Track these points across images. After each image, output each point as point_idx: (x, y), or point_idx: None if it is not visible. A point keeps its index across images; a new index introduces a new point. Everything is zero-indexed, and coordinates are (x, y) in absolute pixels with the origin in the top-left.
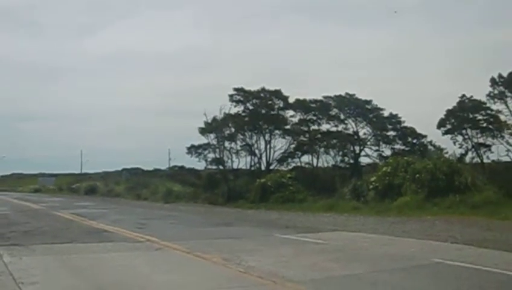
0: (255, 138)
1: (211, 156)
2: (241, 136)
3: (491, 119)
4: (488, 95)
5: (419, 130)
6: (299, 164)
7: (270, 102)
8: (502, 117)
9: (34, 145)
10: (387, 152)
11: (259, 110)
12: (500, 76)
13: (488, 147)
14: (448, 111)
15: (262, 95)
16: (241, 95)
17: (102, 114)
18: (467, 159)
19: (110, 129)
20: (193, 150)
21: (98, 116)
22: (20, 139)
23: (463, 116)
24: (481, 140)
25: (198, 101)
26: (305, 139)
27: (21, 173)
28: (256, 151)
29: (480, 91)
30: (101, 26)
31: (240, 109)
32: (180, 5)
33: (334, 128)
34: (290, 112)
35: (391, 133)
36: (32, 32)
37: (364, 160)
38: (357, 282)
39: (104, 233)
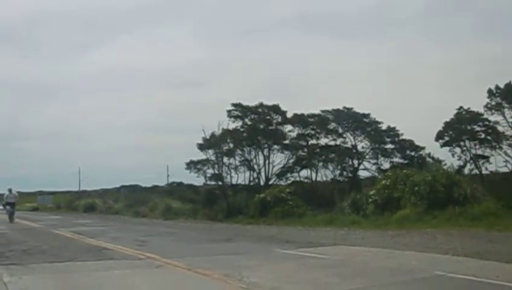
0: (253, 153)
1: (210, 171)
2: (240, 152)
3: (489, 131)
4: (486, 106)
5: (417, 143)
6: (298, 179)
7: (268, 117)
8: (500, 128)
9: (32, 163)
10: (386, 165)
11: (257, 126)
12: (497, 87)
13: (487, 158)
14: (446, 123)
15: (260, 110)
16: (239, 110)
17: (100, 131)
18: (466, 170)
19: (108, 146)
20: (192, 165)
21: (96, 133)
22: (18, 158)
23: (461, 127)
24: (479, 151)
25: (197, 117)
26: (303, 153)
27: (19, 191)
28: (255, 166)
29: (477, 103)
30: (98, 44)
31: (238, 124)
32: (177, 22)
33: (332, 142)
34: (289, 127)
35: (389, 146)
36: (28, 50)
37: (363, 173)
38: None
39: (103, 251)
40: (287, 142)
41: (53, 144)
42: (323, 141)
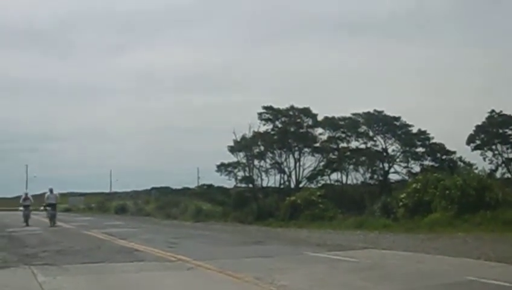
0: (284, 156)
1: (240, 174)
2: (271, 154)
3: None
4: None
5: (448, 147)
6: (328, 182)
7: (299, 120)
8: None
9: (64, 164)
10: (416, 169)
11: (288, 128)
12: None
13: None
14: (478, 126)
15: (291, 113)
16: (270, 113)
17: (132, 133)
18: (498, 174)
19: (139, 148)
20: (223, 168)
21: (127, 135)
22: (51, 159)
23: (492, 131)
24: (511, 155)
25: (227, 120)
26: (334, 156)
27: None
28: (286, 169)
29: (510, 106)
30: (130, 46)
31: (268, 127)
32: (209, 23)
33: (363, 146)
34: (319, 130)
35: (420, 149)
36: (61, 53)
37: (393, 177)
38: None
39: (135, 252)
40: (317, 145)
41: (85, 146)
42: (353, 144)
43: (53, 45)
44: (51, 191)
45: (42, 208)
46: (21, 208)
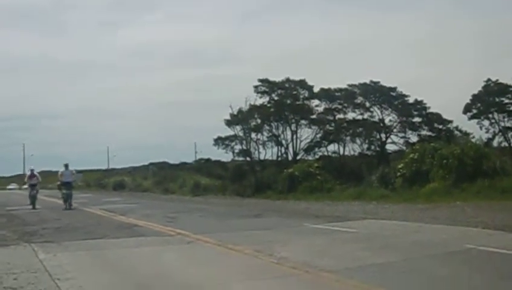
0: (281, 128)
1: (237, 147)
2: (267, 127)
3: None
4: None
5: (445, 116)
6: (325, 153)
7: (295, 92)
8: None
9: (61, 142)
10: (414, 139)
11: (284, 101)
12: None
13: None
14: (474, 96)
15: (287, 85)
16: (266, 85)
17: (128, 109)
18: (495, 143)
19: (135, 124)
20: (220, 142)
21: (124, 111)
22: (48, 136)
23: (489, 100)
24: (508, 124)
25: (223, 93)
26: (331, 128)
27: (49, 170)
28: (283, 141)
29: (506, 75)
30: (124, 22)
31: (265, 99)
32: None
33: (359, 117)
34: (316, 102)
35: (417, 119)
36: (58, 30)
37: (390, 147)
38: (390, 270)
39: (134, 228)
40: (314, 117)
41: (81, 123)
42: (350, 115)
43: (47, 23)
44: (66, 166)
45: (57, 187)
46: (25, 186)
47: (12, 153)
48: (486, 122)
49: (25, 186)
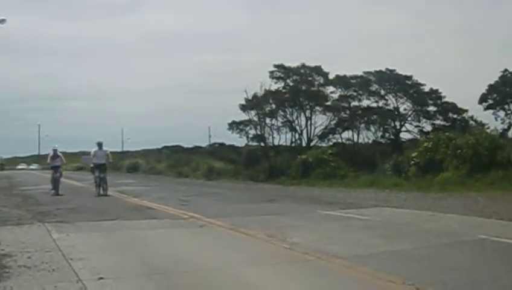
0: (295, 114)
1: (252, 132)
2: (282, 113)
3: None
4: None
5: (460, 105)
6: (339, 140)
7: (310, 78)
8: None
9: (76, 123)
10: (428, 128)
11: (299, 87)
12: None
13: None
14: (490, 86)
15: (302, 71)
16: (281, 71)
17: (143, 93)
18: (510, 134)
19: (150, 107)
20: (234, 126)
21: (139, 94)
22: (63, 118)
23: (505, 90)
24: None
25: (239, 79)
26: (345, 115)
27: (64, 151)
28: (297, 127)
29: None
30: (139, 6)
31: (280, 85)
32: None
33: (374, 104)
34: (331, 88)
35: (432, 108)
36: (72, 13)
37: (404, 136)
38: (402, 258)
39: (147, 210)
40: (329, 103)
41: (97, 105)
42: (365, 102)
43: (64, 5)
44: (100, 146)
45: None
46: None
47: (28, 135)
48: (501, 113)
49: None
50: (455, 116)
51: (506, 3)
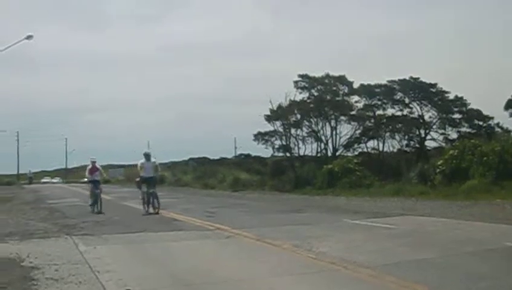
0: (320, 124)
1: (277, 143)
2: (307, 123)
3: None
4: None
5: (485, 112)
6: (365, 149)
7: (334, 88)
8: None
9: (101, 136)
10: (453, 135)
11: (324, 96)
12: None
13: None
14: None
15: (326, 81)
16: (306, 81)
17: (167, 103)
18: None
19: (175, 118)
20: (260, 137)
21: (163, 105)
22: (88, 131)
23: None
24: None
25: (264, 89)
26: (370, 124)
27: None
28: (322, 137)
29: None
30: (161, 17)
31: (304, 95)
32: None
33: (399, 113)
34: (355, 98)
35: (457, 116)
36: (93, 24)
37: (430, 144)
38: (428, 267)
39: (174, 222)
40: (353, 113)
41: (122, 116)
42: (389, 111)
43: (85, 16)
44: (148, 157)
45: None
46: (85, 180)
47: (53, 148)
48: None
49: (84, 179)
50: (481, 123)
51: None
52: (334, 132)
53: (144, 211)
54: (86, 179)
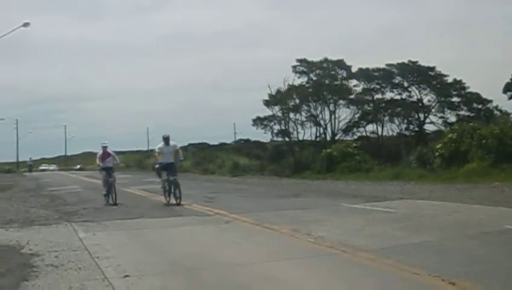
0: (319, 108)
1: (276, 127)
2: (306, 107)
3: None
4: None
5: (484, 95)
6: (364, 134)
7: (333, 72)
8: None
9: (100, 124)
10: (452, 119)
11: (322, 81)
12: None
13: None
14: None
15: (325, 65)
16: (304, 66)
17: (167, 91)
18: None
19: (175, 105)
20: (259, 122)
21: (163, 93)
22: (88, 118)
23: None
24: None
25: (263, 74)
26: (369, 108)
27: (90, 151)
28: (321, 121)
29: None
30: (160, 6)
31: (303, 80)
32: None
33: (398, 97)
34: (354, 82)
35: (456, 99)
36: (92, 14)
37: (429, 127)
38: (427, 250)
39: (174, 208)
40: (352, 97)
41: (121, 105)
42: (388, 95)
43: (84, 6)
44: (167, 141)
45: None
46: (77, 167)
47: (52, 135)
48: None
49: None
50: (479, 106)
51: None
52: (332, 116)
53: (165, 201)
54: (98, 166)
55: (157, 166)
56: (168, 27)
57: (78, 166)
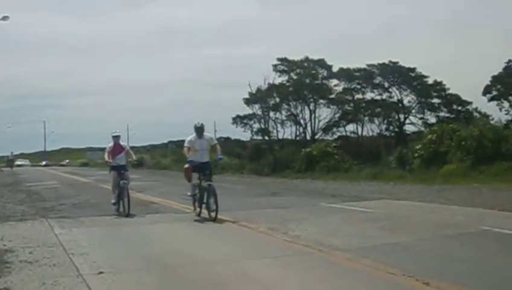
0: (299, 107)
1: (256, 126)
2: (286, 106)
3: None
4: None
5: (464, 97)
6: (344, 133)
7: (313, 71)
8: None
9: (81, 120)
10: (432, 120)
11: (303, 80)
12: None
13: None
14: (494, 77)
15: (305, 64)
16: (285, 64)
17: (147, 87)
18: None
19: (155, 102)
20: (239, 120)
21: (143, 89)
22: (68, 114)
23: (509, 81)
24: None
25: (243, 73)
26: (349, 108)
27: (69, 147)
28: (301, 121)
29: None
30: (149, 1)
31: (284, 78)
32: None
33: (378, 97)
34: (334, 81)
35: (436, 100)
36: (79, 9)
37: (409, 128)
38: (404, 250)
39: (151, 205)
40: (332, 96)
41: (102, 101)
42: (369, 95)
43: (75, 2)
44: (200, 131)
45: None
46: (43, 163)
47: (32, 131)
48: (506, 104)
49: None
50: (459, 108)
51: None
52: (313, 116)
53: (195, 212)
54: (108, 163)
55: (186, 166)
56: (153, 23)
57: (44, 162)
